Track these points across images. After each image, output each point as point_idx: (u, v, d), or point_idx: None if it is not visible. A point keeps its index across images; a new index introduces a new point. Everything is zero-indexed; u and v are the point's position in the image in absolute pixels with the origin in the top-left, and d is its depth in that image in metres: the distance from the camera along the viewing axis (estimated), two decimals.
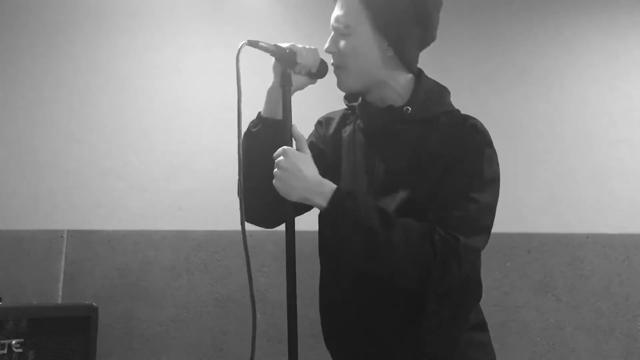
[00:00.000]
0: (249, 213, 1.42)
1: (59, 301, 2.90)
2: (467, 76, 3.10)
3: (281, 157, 1.35)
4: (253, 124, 1.52)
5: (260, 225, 1.58)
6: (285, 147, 1.37)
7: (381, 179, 1.45)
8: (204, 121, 3.10)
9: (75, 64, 3.14)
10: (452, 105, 1.53)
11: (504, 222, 1.57)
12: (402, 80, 1.49)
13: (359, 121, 1.55)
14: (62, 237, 2.97)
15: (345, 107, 1.61)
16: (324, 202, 1.33)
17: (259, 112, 1.53)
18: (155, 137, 3.08)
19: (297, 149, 1.38)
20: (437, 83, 1.55)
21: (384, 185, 1.44)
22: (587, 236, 2.93)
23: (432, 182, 1.38)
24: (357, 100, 1.56)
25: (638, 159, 3.04)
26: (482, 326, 1.53)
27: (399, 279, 1.35)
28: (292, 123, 1.41)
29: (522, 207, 2.93)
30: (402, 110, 1.46)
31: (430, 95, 1.49)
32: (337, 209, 1.32)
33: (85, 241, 2.97)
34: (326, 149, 1.58)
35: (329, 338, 1.57)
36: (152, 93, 3.13)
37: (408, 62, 1.49)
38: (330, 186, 1.35)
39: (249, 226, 1.41)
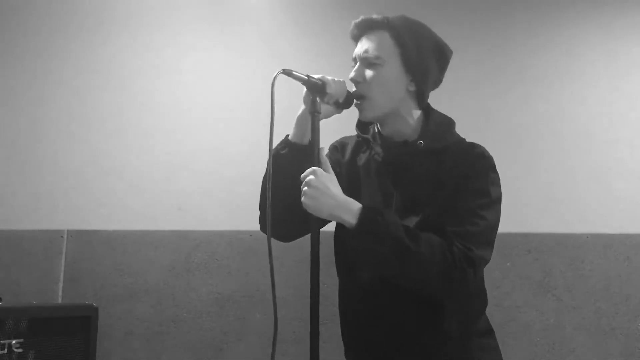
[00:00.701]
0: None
1: (59, 301, 2.90)
2: (467, 76, 3.09)
3: (311, 177, 1.46)
4: (281, 146, 1.62)
5: (284, 241, 1.70)
6: (314, 167, 1.47)
7: (399, 205, 1.57)
8: (204, 121, 3.10)
9: (75, 64, 3.14)
10: (459, 135, 1.67)
11: (504, 222, 1.59)
12: (415, 115, 1.64)
13: (373, 152, 1.67)
14: (62, 237, 2.97)
15: (357, 135, 1.74)
16: (353, 219, 1.44)
17: (287, 136, 1.63)
18: (155, 137, 3.08)
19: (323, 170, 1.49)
20: (444, 115, 1.69)
21: (401, 210, 1.56)
22: (587, 236, 2.93)
23: (444, 203, 1.52)
24: (368, 131, 1.71)
25: (638, 159, 3.04)
26: (490, 333, 1.65)
27: (425, 287, 1.49)
28: (320, 146, 1.52)
29: (522, 207, 2.93)
30: (416, 144, 1.60)
31: (440, 128, 1.64)
32: (369, 224, 1.43)
33: (85, 241, 2.97)
34: (342, 172, 1.69)
35: (349, 343, 1.68)
36: (152, 93, 3.13)
37: (423, 99, 1.64)
38: (356, 204, 1.47)
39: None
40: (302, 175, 1.48)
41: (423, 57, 1.60)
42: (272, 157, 1.54)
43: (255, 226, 1.67)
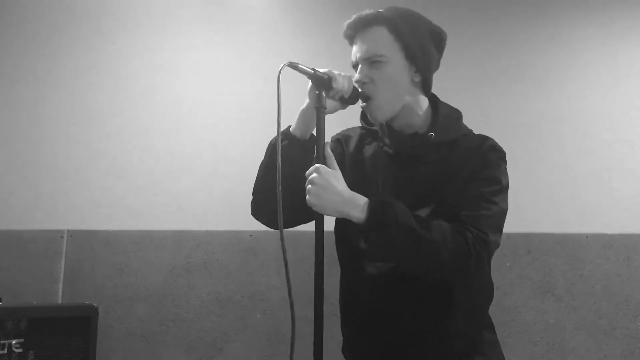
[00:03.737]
0: (260, 214, 1.60)
1: (59, 301, 2.90)
2: (467, 76, 3.09)
3: (314, 174, 1.43)
4: (280, 139, 1.56)
5: (271, 227, 1.65)
6: (317, 165, 1.45)
7: (409, 198, 1.54)
8: (204, 121, 3.10)
9: (75, 64, 3.14)
10: (467, 127, 1.66)
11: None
12: (423, 105, 1.63)
13: (382, 144, 1.65)
14: (62, 237, 2.97)
15: (361, 126, 1.71)
16: (361, 214, 1.42)
17: (288, 127, 1.59)
18: (155, 137, 3.08)
19: (327, 166, 1.47)
20: (452, 107, 1.68)
21: (414, 203, 1.53)
22: (587, 236, 2.93)
23: (455, 194, 1.52)
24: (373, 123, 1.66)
25: (638, 159, 3.04)
26: (491, 327, 1.66)
27: (440, 273, 1.48)
28: (326, 141, 1.50)
29: (522, 207, 2.93)
30: (427, 136, 1.59)
31: (449, 120, 1.64)
32: (378, 217, 1.41)
33: (85, 241, 2.97)
34: (346, 165, 1.66)
35: (349, 337, 1.66)
36: (152, 93, 3.13)
37: (428, 86, 1.63)
38: (362, 198, 1.44)
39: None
40: (307, 172, 1.45)
41: (423, 44, 1.58)
42: (270, 147, 1.52)
43: (255, 226, 1.67)
